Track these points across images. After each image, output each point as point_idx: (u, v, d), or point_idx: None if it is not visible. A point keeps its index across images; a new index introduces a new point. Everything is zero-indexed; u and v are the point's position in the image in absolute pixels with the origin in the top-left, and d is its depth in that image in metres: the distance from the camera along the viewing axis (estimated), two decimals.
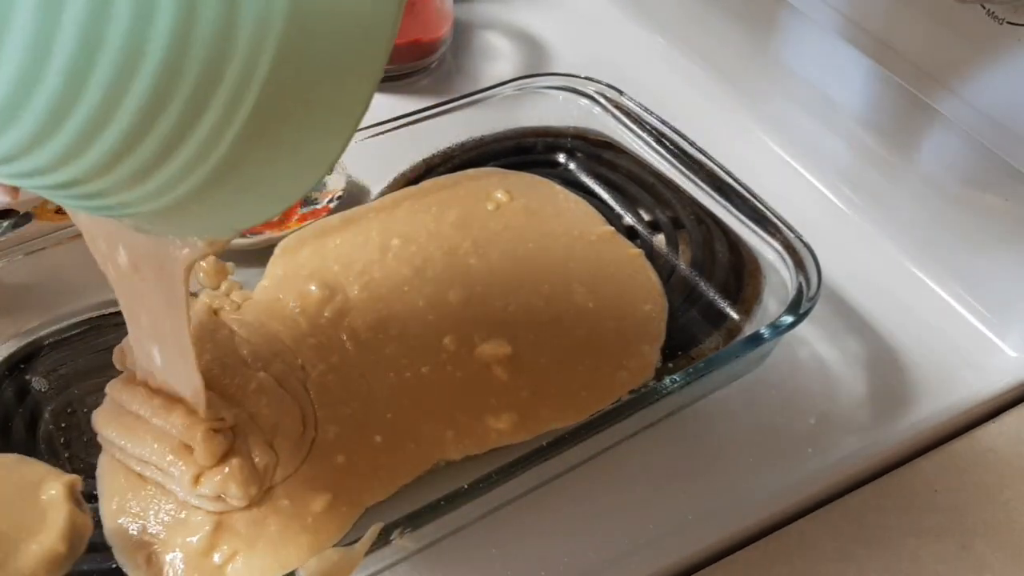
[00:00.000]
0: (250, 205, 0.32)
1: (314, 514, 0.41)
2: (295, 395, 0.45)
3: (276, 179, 0.31)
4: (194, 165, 0.28)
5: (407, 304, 0.49)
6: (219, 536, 0.40)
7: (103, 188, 0.29)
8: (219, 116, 0.26)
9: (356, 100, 0.29)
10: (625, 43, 0.73)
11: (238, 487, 0.40)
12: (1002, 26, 0.43)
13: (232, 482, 0.40)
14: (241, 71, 0.26)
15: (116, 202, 0.30)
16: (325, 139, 0.30)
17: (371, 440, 0.44)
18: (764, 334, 0.45)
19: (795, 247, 0.49)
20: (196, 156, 0.27)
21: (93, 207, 0.31)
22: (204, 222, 0.33)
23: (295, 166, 0.30)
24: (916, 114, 0.52)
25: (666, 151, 0.55)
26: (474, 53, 0.72)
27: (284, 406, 0.44)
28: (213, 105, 0.26)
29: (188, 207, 0.30)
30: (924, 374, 0.50)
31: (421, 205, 0.55)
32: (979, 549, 0.43)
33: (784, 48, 0.62)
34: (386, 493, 0.42)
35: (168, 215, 0.31)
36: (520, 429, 0.44)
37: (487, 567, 0.42)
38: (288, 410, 0.44)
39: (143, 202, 0.30)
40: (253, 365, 0.45)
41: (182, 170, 0.28)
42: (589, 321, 0.49)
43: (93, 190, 0.29)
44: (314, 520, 0.41)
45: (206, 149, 0.27)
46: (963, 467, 0.46)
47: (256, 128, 0.27)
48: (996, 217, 0.50)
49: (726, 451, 0.47)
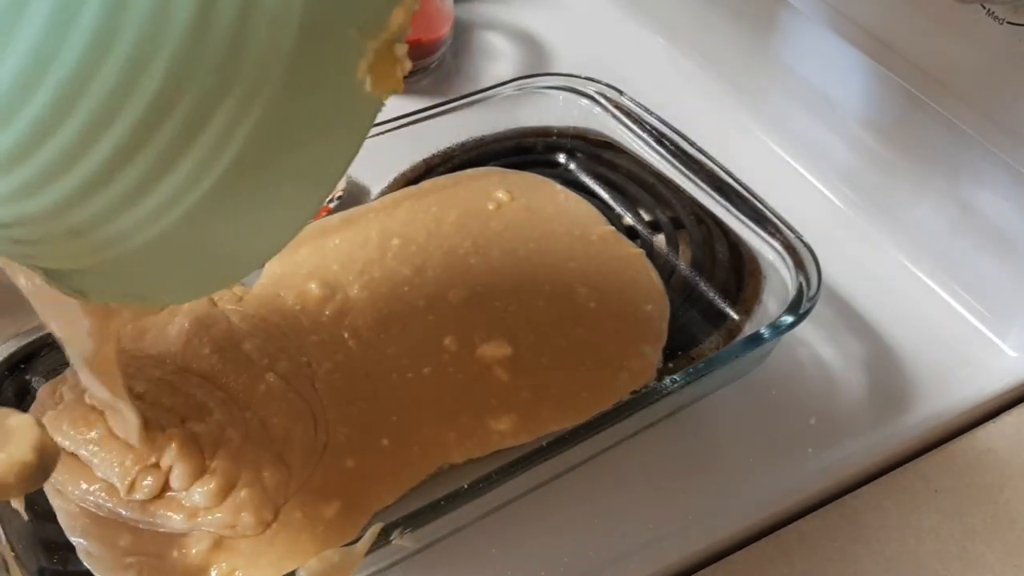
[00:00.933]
0: (209, 265, 0.31)
1: (325, 522, 0.40)
2: (305, 397, 0.44)
3: (242, 241, 0.30)
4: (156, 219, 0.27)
5: (408, 304, 0.49)
6: (217, 554, 0.39)
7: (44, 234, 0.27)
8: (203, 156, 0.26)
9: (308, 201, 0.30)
10: (625, 43, 0.73)
11: (252, 515, 0.39)
12: (1002, 26, 0.43)
13: (245, 511, 0.39)
14: (227, 122, 0.25)
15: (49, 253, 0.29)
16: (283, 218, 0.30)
17: (379, 443, 0.43)
18: (764, 334, 0.45)
19: (795, 247, 0.49)
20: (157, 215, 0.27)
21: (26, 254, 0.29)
22: (147, 283, 0.31)
23: (266, 224, 0.30)
24: (916, 114, 0.52)
25: (666, 151, 0.55)
26: (474, 53, 0.71)
27: (295, 413, 0.43)
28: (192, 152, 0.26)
29: (142, 261, 0.29)
30: (924, 374, 0.50)
31: (421, 205, 0.55)
32: (979, 549, 0.43)
33: (784, 48, 0.62)
34: (392, 498, 0.41)
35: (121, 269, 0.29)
36: (521, 431, 0.44)
37: (487, 567, 0.42)
38: (300, 416, 0.43)
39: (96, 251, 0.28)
40: (259, 362, 0.45)
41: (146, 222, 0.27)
42: (590, 321, 0.49)
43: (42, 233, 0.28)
44: (324, 528, 0.40)
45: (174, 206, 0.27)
46: (963, 467, 0.46)
47: (232, 182, 0.27)
48: (996, 217, 0.50)
49: (726, 451, 0.47)
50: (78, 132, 0.24)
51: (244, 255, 0.31)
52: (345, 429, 0.43)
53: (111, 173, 0.25)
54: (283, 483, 0.41)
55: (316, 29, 0.26)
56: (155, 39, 0.24)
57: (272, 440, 0.42)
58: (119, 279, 0.30)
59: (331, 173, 0.30)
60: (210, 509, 0.39)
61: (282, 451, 0.42)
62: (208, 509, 0.39)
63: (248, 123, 0.26)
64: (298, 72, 0.26)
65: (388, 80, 0.28)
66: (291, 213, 0.30)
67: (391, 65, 0.28)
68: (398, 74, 0.28)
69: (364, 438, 0.43)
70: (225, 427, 0.42)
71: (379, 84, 0.28)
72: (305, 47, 0.26)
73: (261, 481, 0.40)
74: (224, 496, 0.40)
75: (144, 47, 0.24)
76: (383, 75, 0.28)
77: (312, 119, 0.27)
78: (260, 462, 0.41)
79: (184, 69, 0.24)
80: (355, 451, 0.43)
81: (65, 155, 0.25)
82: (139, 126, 0.24)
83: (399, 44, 0.28)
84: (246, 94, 0.25)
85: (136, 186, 0.26)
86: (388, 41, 0.28)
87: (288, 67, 0.25)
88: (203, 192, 0.26)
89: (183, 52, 0.24)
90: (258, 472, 0.41)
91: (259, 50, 0.25)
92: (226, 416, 0.43)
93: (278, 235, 0.31)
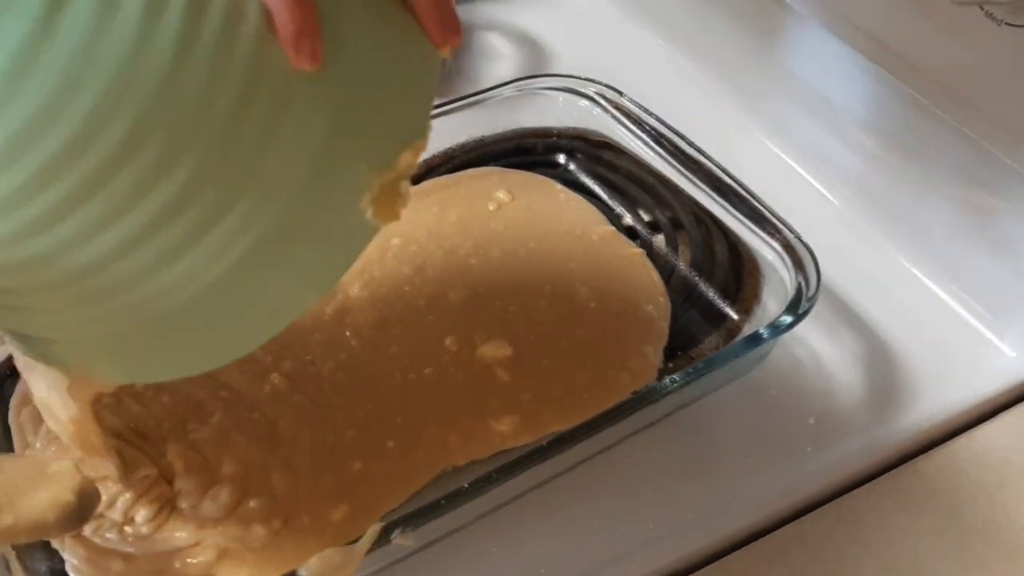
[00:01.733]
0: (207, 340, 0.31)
1: (333, 526, 0.40)
2: (312, 397, 0.44)
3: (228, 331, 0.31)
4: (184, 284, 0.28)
5: (408, 304, 0.49)
6: (222, 565, 0.38)
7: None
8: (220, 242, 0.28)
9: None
10: (625, 44, 0.73)
11: (262, 526, 0.39)
12: (1001, 27, 0.43)
13: (256, 522, 0.39)
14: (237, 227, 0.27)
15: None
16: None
17: (384, 445, 0.43)
18: (763, 334, 0.45)
19: (794, 247, 0.49)
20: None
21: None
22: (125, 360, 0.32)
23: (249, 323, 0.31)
24: (916, 115, 0.52)
25: (666, 151, 0.55)
26: (474, 54, 0.72)
27: (303, 415, 0.43)
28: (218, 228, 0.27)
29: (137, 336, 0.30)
30: (923, 374, 0.50)
31: (422, 205, 0.55)
32: (978, 549, 0.43)
33: (784, 49, 0.62)
34: (398, 501, 0.41)
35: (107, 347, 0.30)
36: (522, 432, 0.44)
37: (487, 567, 0.42)
38: (308, 419, 0.43)
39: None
40: (263, 360, 0.45)
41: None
42: (591, 322, 0.49)
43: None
44: (332, 532, 0.39)
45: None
46: (962, 467, 0.46)
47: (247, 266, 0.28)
48: (996, 217, 0.50)
49: (726, 451, 0.47)
50: (99, 212, 0.26)
51: (219, 348, 0.32)
52: (352, 431, 0.43)
53: (119, 257, 0.27)
54: (292, 489, 0.40)
55: (328, 162, 0.28)
56: (185, 143, 0.26)
57: (280, 443, 0.42)
58: (99, 352, 0.31)
59: (316, 287, 0.31)
60: (220, 521, 0.39)
61: (290, 455, 0.42)
62: (218, 521, 0.39)
63: (251, 233, 0.27)
64: (305, 194, 0.28)
65: (388, 213, 0.30)
66: (270, 319, 0.31)
67: (393, 199, 0.30)
68: (398, 208, 0.30)
69: (370, 440, 0.43)
70: (229, 430, 0.42)
71: (379, 215, 0.30)
72: (316, 173, 0.28)
73: (270, 488, 0.40)
74: (235, 507, 0.39)
75: (174, 147, 0.26)
76: (384, 208, 0.30)
77: (311, 237, 0.29)
78: (268, 467, 0.41)
79: (207, 170, 0.26)
80: (362, 453, 0.43)
81: (77, 234, 0.26)
82: (155, 218, 0.26)
83: (404, 182, 0.30)
84: (254, 205, 0.27)
85: (141, 271, 0.27)
86: (394, 179, 0.30)
87: (299, 185, 0.27)
88: (201, 284, 0.28)
89: (210, 156, 0.26)
90: (267, 478, 0.41)
91: (276, 167, 0.27)
92: (231, 418, 0.42)
93: (253, 337, 0.32)
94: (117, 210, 0.26)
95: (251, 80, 0.26)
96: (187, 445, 0.41)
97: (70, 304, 0.28)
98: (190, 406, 0.43)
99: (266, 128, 0.27)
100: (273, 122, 0.27)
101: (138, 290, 0.28)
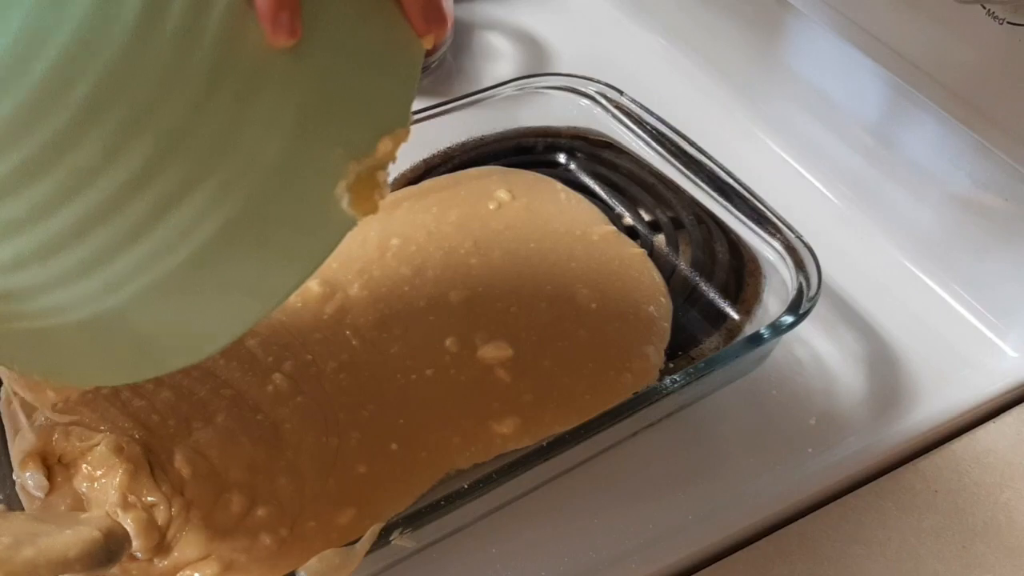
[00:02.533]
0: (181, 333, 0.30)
1: (339, 530, 0.39)
2: (315, 398, 0.44)
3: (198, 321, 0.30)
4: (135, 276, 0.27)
5: (408, 304, 0.49)
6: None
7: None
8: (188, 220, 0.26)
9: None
10: (625, 43, 0.73)
11: (270, 535, 0.38)
12: (1002, 26, 0.43)
13: (264, 531, 0.38)
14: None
15: None
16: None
17: (388, 448, 0.43)
18: (764, 334, 0.45)
19: (795, 247, 0.49)
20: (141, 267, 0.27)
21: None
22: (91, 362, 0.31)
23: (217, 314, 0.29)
24: (916, 114, 0.52)
25: (666, 151, 0.55)
26: (474, 53, 0.71)
27: (307, 418, 0.43)
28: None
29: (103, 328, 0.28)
30: (924, 374, 0.50)
31: (421, 205, 0.55)
32: (979, 549, 0.43)
33: (784, 48, 0.62)
34: (404, 504, 0.41)
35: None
36: (524, 434, 0.44)
37: (487, 567, 0.42)
38: (312, 421, 0.43)
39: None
40: (263, 360, 0.45)
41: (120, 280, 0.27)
42: (592, 322, 0.49)
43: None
44: (339, 537, 0.39)
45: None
46: (963, 467, 0.46)
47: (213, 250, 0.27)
48: (996, 217, 0.50)
49: (726, 451, 0.47)
50: (54, 190, 0.25)
51: (171, 351, 0.30)
52: (356, 433, 0.43)
53: (76, 239, 0.26)
54: (297, 493, 0.40)
55: (303, 143, 0.27)
56: (150, 114, 0.25)
57: (284, 446, 0.42)
58: (40, 352, 0.30)
59: (287, 278, 0.29)
60: (230, 532, 0.38)
61: (295, 459, 0.41)
62: (227, 533, 0.38)
63: (219, 213, 0.26)
64: (277, 176, 0.27)
65: (365, 203, 0.29)
66: (234, 314, 0.29)
67: (370, 189, 0.29)
68: (375, 199, 0.29)
69: (374, 443, 0.43)
70: (235, 432, 0.42)
71: (356, 205, 0.29)
72: (289, 154, 0.27)
73: (276, 494, 0.40)
74: (245, 516, 0.39)
75: (138, 118, 0.24)
76: (361, 197, 0.29)
77: (282, 222, 0.28)
78: (274, 471, 0.41)
79: (173, 144, 0.25)
80: (367, 456, 0.42)
81: (35, 209, 0.25)
82: (117, 194, 0.25)
83: (382, 171, 0.29)
84: (223, 183, 0.26)
85: (93, 257, 0.26)
86: (372, 167, 0.29)
87: (270, 165, 0.26)
88: (153, 277, 0.27)
89: (176, 129, 0.25)
90: (273, 483, 0.40)
91: (247, 146, 0.26)
92: (235, 420, 0.42)
93: (216, 337, 0.30)
94: (73, 187, 0.25)
95: (223, 53, 0.25)
96: (193, 450, 0.41)
97: (22, 295, 0.27)
98: (193, 404, 0.43)
99: (237, 104, 0.26)
100: (245, 98, 0.26)
101: (97, 274, 0.26)
